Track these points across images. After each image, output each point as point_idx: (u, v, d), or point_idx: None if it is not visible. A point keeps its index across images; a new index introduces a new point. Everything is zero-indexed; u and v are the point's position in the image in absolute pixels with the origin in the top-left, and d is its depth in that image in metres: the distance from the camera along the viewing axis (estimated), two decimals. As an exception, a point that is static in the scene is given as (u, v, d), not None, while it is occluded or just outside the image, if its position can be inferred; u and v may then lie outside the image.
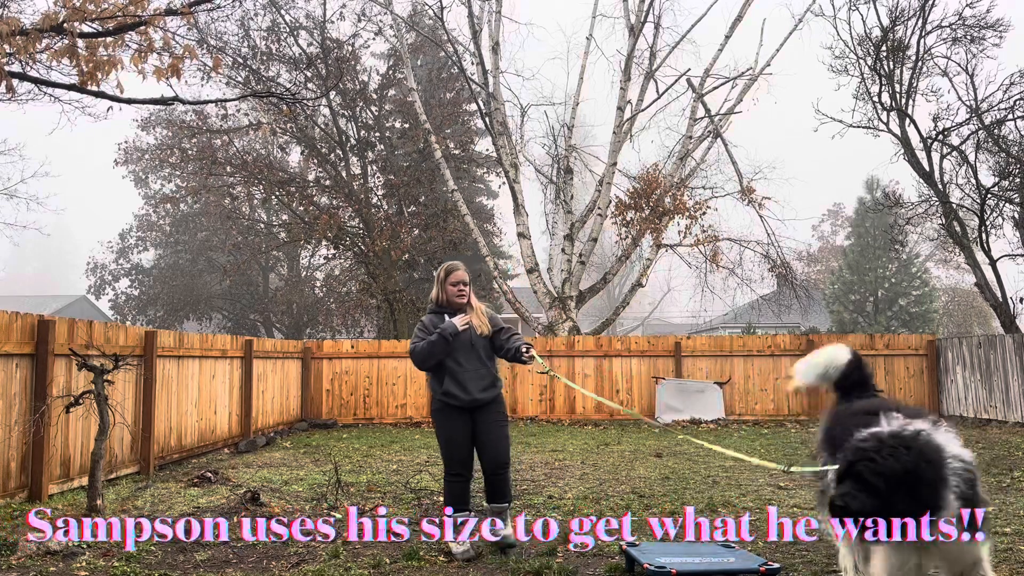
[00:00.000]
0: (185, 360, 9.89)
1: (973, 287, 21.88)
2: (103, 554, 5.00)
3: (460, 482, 5.10)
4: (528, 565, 4.71)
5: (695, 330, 39.39)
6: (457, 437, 5.09)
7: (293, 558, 4.98)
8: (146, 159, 29.45)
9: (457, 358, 5.10)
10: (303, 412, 14.66)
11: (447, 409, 5.11)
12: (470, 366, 5.11)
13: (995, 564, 4.68)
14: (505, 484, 5.15)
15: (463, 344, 5.11)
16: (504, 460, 5.13)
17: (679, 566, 4.23)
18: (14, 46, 6.84)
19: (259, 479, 8.06)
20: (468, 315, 5.18)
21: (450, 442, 5.11)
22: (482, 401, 5.09)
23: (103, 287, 32.28)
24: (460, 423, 5.09)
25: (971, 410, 13.92)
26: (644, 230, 17.82)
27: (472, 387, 5.08)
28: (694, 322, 39.93)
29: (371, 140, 22.52)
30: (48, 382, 6.96)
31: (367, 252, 20.61)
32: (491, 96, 17.86)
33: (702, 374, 14.95)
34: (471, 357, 5.12)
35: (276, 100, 15.93)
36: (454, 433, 5.10)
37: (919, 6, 15.23)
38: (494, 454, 5.09)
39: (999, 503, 6.57)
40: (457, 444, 5.09)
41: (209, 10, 15.51)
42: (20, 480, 6.73)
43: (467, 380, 5.08)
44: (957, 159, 15.80)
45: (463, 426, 5.10)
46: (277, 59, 20.83)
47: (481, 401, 5.09)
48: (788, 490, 7.33)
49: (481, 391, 5.09)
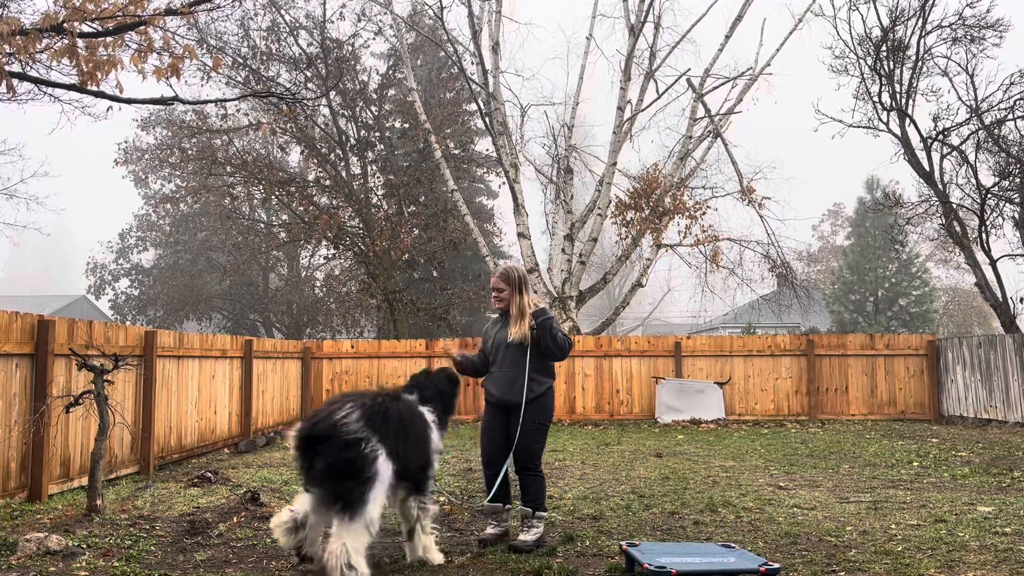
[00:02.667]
0: (185, 360, 9.89)
1: (973, 287, 21.89)
2: (103, 554, 5.00)
3: (487, 474, 5.43)
4: (528, 565, 4.70)
5: (695, 330, 39.40)
6: (486, 431, 5.43)
7: (293, 558, 4.98)
8: (146, 159, 29.45)
9: (495, 360, 5.41)
10: (303, 412, 14.65)
11: (486, 404, 5.50)
12: (500, 370, 5.36)
13: (995, 564, 4.68)
14: (529, 487, 5.29)
15: (498, 348, 5.39)
16: (525, 463, 5.28)
17: (679, 566, 4.23)
18: (14, 46, 6.83)
19: (259, 479, 8.06)
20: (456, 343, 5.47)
21: (481, 434, 5.51)
22: (511, 403, 5.28)
23: (103, 287, 32.29)
24: (491, 418, 5.40)
25: (971, 410, 13.92)
26: (644, 230, 17.82)
27: (499, 389, 5.34)
28: (694, 322, 39.95)
29: (371, 140, 22.52)
30: (48, 382, 6.96)
31: (367, 252, 20.61)
32: (491, 96, 17.86)
33: (702, 374, 14.95)
34: (504, 361, 5.35)
35: (276, 100, 15.93)
36: (484, 427, 5.47)
37: (919, 6, 15.23)
38: (519, 455, 5.29)
39: (999, 503, 6.58)
40: (487, 437, 5.42)
41: (209, 10, 15.49)
42: (20, 480, 6.73)
43: (496, 381, 5.37)
44: (957, 159, 15.80)
45: (494, 422, 5.38)
46: (277, 59, 20.83)
47: (510, 403, 5.29)
48: (788, 490, 7.33)
49: (507, 394, 5.29)
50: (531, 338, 5.24)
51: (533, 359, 5.26)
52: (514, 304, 5.31)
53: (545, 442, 5.45)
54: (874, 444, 10.96)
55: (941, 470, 8.55)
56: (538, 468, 5.31)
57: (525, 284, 5.38)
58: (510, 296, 5.33)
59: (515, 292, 5.33)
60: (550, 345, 5.22)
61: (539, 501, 5.24)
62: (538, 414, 5.28)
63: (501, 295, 5.36)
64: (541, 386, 5.29)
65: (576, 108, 18.99)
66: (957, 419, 14.21)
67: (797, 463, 9.15)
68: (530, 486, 5.26)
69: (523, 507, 5.26)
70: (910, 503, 6.62)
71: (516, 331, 5.23)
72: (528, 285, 5.47)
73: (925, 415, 14.73)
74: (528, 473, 5.27)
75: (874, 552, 4.97)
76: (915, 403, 14.84)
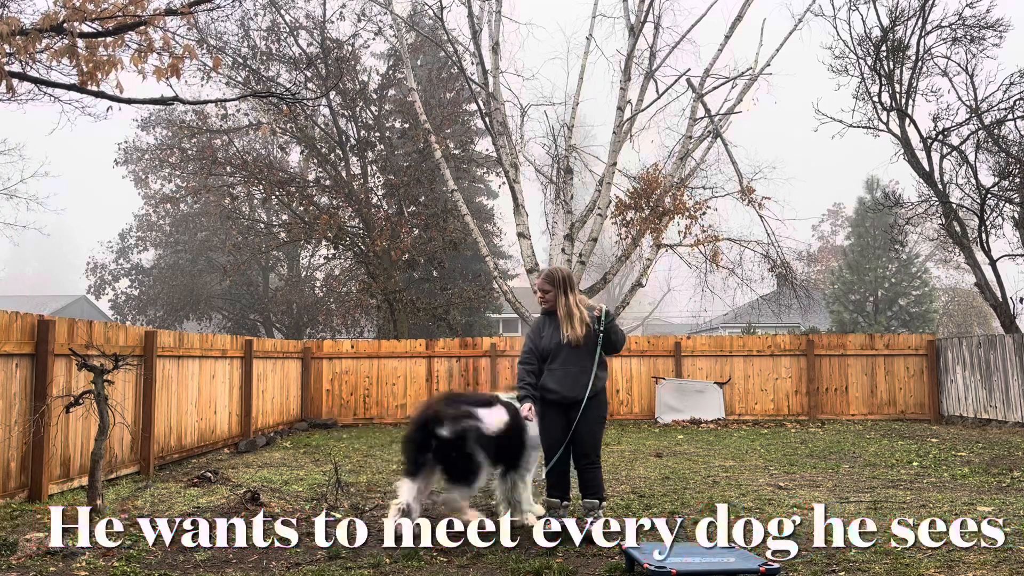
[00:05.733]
0: (185, 360, 9.89)
1: (973, 287, 21.88)
2: (103, 554, 5.00)
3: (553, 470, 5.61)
4: (528, 565, 4.71)
5: (695, 330, 39.39)
6: (547, 428, 5.61)
7: (293, 558, 4.98)
8: (146, 159, 29.47)
9: (553, 359, 5.57)
10: (303, 412, 14.66)
11: (543, 402, 5.61)
12: (562, 368, 5.53)
13: (995, 564, 4.68)
14: (591, 479, 5.53)
15: (554, 347, 5.55)
16: (589, 457, 5.53)
17: (679, 566, 4.23)
18: (14, 46, 6.83)
19: (259, 479, 8.06)
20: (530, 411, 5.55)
21: (540, 432, 5.68)
22: (574, 399, 5.48)
23: (103, 287, 32.29)
24: (553, 416, 5.57)
25: (971, 410, 13.92)
26: (644, 230, 17.81)
27: (562, 386, 5.52)
28: (694, 322, 39.92)
29: (371, 140, 22.52)
30: (48, 382, 6.96)
31: (367, 252, 20.61)
32: (491, 96, 17.86)
33: (702, 374, 14.95)
34: (564, 359, 5.53)
35: (276, 100, 15.93)
36: (543, 423, 5.62)
37: (919, 6, 15.23)
38: (582, 449, 5.53)
39: (999, 503, 6.58)
40: (548, 434, 5.61)
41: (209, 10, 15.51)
42: (20, 480, 6.73)
43: (559, 379, 5.54)
44: (957, 159, 15.80)
45: (556, 419, 5.55)
46: (277, 59, 20.83)
47: (574, 399, 5.49)
48: (788, 490, 7.33)
49: (571, 390, 5.49)
50: (598, 336, 5.49)
51: (599, 356, 5.52)
52: (560, 304, 5.59)
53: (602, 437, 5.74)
54: (874, 444, 10.96)
55: (941, 470, 8.55)
56: (599, 461, 5.62)
57: (570, 284, 5.63)
58: (555, 297, 5.61)
59: (560, 292, 5.60)
60: (615, 341, 5.53)
61: (602, 492, 5.59)
62: (601, 408, 5.59)
63: (547, 296, 5.64)
64: (601, 381, 5.58)
65: (576, 108, 18.96)
66: (957, 419, 14.21)
67: (797, 463, 9.15)
68: (592, 478, 5.55)
69: (588, 500, 5.55)
70: (910, 503, 6.62)
71: (570, 331, 5.49)
72: (573, 285, 5.68)
73: (925, 415, 14.73)
74: (591, 467, 5.54)
75: (874, 552, 4.98)
76: (915, 403, 14.84)
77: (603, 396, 5.65)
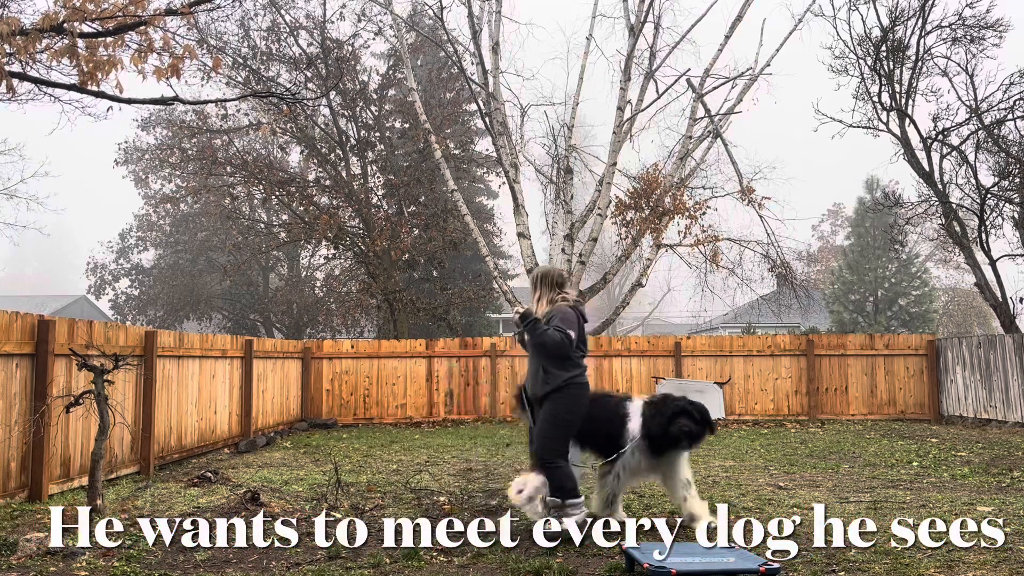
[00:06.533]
0: (185, 360, 9.89)
1: (973, 287, 21.89)
2: (103, 554, 5.00)
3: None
4: (528, 565, 4.70)
5: (695, 330, 39.41)
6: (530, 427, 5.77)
7: (293, 558, 4.98)
8: (146, 159, 29.48)
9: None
10: (303, 412, 14.66)
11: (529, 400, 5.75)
12: (529, 366, 5.75)
13: (995, 564, 4.69)
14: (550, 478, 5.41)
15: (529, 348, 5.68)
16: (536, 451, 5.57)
17: (679, 566, 4.23)
18: (14, 46, 6.84)
19: (259, 479, 8.06)
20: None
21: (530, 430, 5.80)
22: (534, 396, 5.66)
23: (103, 287, 32.30)
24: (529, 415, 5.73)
25: (971, 410, 13.92)
26: (644, 230, 17.81)
27: (527, 383, 5.75)
28: (694, 322, 39.94)
29: (371, 140, 22.53)
30: (48, 382, 6.96)
31: (367, 252, 20.62)
32: (491, 96, 17.86)
33: (702, 374, 14.94)
34: (529, 357, 5.74)
35: (276, 100, 15.93)
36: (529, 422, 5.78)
37: (919, 6, 15.24)
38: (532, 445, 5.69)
39: (999, 503, 6.58)
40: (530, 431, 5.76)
41: (209, 10, 15.52)
42: (20, 480, 6.73)
43: (527, 377, 5.76)
44: (957, 159, 15.81)
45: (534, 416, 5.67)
46: (277, 59, 20.84)
47: (534, 397, 5.66)
48: (788, 490, 7.33)
49: (530, 387, 5.68)
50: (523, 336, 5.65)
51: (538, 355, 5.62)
52: (538, 304, 5.72)
53: (562, 437, 5.48)
54: (874, 444, 10.96)
55: (941, 470, 8.55)
56: (556, 460, 5.41)
57: (541, 282, 5.72)
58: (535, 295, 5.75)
59: (533, 290, 5.79)
60: (538, 343, 5.50)
61: (563, 492, 5.37)
62: (556, 406, 5.48)
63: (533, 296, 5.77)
64: (556, 379, 5.48)
65: (576, 108, 18.97)
66: (957, 419, 14.21)
67: (797, 463, 9.15)
68: (550, 477, 5.43)
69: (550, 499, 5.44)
70: (910, 503, 6.62)
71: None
72: (543, 283, 5.72)
73: (925, 415, 14.74)
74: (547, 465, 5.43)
75: (874, 552, 4.98)
76: (915, 403, 14.84)
77: (562, 394, 5.45)
